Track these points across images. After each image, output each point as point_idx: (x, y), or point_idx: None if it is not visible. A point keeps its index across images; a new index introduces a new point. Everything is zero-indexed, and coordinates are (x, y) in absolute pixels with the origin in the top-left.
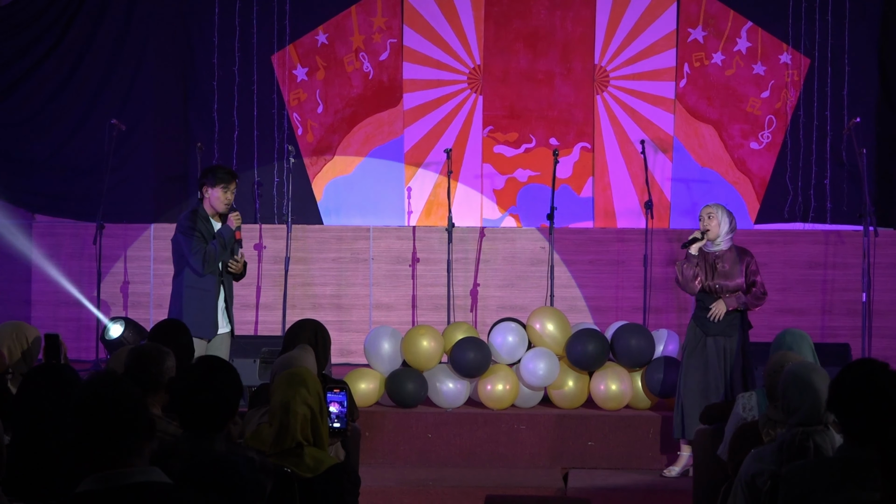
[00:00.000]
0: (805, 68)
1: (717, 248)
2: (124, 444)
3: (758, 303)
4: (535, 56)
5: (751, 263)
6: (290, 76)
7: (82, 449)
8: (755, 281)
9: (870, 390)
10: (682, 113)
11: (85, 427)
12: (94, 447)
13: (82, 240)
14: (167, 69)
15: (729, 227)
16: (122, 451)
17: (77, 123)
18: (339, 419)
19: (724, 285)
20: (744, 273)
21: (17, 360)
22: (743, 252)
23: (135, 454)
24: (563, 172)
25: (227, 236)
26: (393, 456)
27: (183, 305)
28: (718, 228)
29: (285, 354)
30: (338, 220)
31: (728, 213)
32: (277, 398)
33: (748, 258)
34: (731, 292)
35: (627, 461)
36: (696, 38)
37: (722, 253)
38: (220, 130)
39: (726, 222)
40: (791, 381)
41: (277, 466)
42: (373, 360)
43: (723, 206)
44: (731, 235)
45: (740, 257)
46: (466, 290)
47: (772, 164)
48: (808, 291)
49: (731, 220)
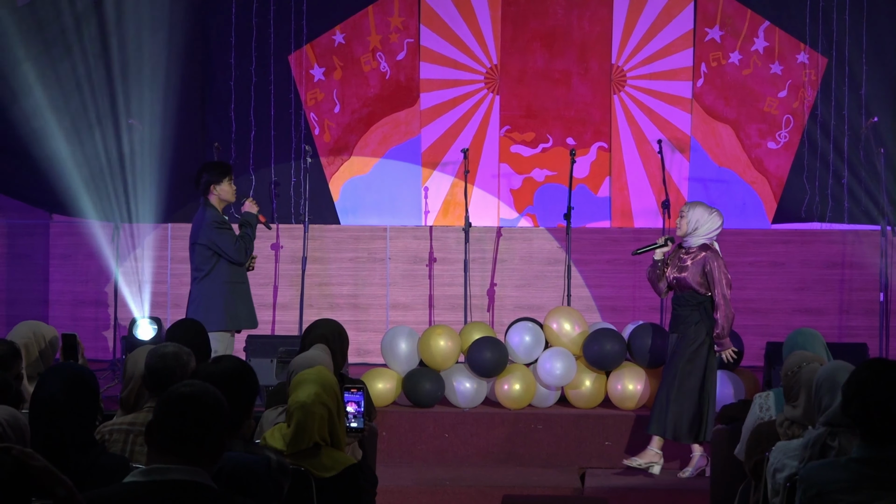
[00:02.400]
0: (822, 68)
1: (687, 246)
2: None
3: (725, 323)
4: (552, 56)
5: (707, 264)
6: (308, 76)
7: (158, 439)
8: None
9: (883, 389)
10: (699, 112)
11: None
12: (170, 441)
13: (100, 240)
14: (185, 69)
15: (703, 227)
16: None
17: (95, 123)
18: (356, 419)
19: (677, 278)
20: (699, 272)
21: (34, 360)
22: (711, 256)
23: (201, 461)
24: (580, 172)
25: (254, 222)
26: (410, 455)
27: (225, 302)
28: (686, 227)
29: (302, 354)
30: (355, 219)
31: (706, 214)
32: (295, 398)
33: (710, 261)
34: (681, 288)
35: None
36: (713, 37)
37: (690, 250)
38: (237, 130)
39: (698, 222)
40: (824, 380)
41: (294, 466)
42: (390, 360)
43: (702, 206)
44: (708, 235)
45: (703, 258)
46: (483, 290)
47: (789, 163)
48: (826, 291)
49: (707, 220)
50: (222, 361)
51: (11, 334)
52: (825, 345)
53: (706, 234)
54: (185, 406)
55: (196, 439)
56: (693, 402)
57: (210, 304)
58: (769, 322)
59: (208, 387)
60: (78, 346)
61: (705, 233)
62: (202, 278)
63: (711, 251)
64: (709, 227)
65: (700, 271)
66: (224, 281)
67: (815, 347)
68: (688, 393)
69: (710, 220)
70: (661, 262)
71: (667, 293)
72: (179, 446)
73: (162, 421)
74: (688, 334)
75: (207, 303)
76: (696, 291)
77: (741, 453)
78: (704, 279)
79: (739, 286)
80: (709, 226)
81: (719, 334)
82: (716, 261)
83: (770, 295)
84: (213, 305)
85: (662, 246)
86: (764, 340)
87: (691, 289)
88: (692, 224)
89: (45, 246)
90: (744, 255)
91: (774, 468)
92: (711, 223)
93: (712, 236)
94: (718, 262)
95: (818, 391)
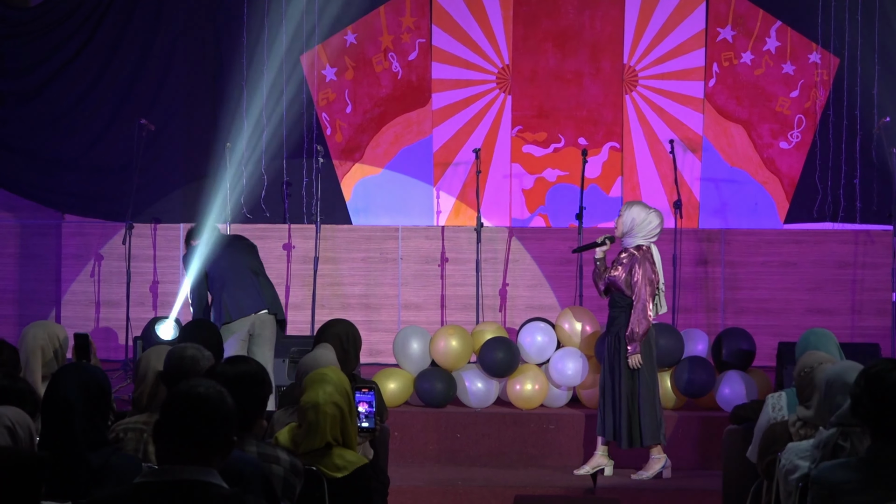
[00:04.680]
0: (834, 68)
1: (624, 246)
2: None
3: (636, 327)
4: (563, 56)
5: (635, 267)
6: (319, 76)
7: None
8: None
9: (892, 389)
10: (711, 112)
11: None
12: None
13: (111, 240)
14: (196, 69)
15: (639, 227)
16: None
17: (106, 123)
18: (368, 419)
19: (610, 278)
20: (628, 274)
21: (47, 360)
22: (640, 258)
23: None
24: (592, 172)
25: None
26: (422, 456)
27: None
28: (623, 227)
29: (309, 354)
30: (366, 219)
31: (643, 214)
32: (307, 398)
33: (637, 263)
34: (613, 288)
35: None
36: (725, 37)
37: (627, 250)
38: (248, 130)
39: (633, 222)
40: (834, 381)
41: (307, 466)
42: (401, 360)
43: (639, 206)
44: (646, 236)
45: (632, 259)
46: (495, 290)
47: (801, 163)
48: (838, 291)
49: (644, 220)
50: (238, 362)
51: (25, 336)
52: (838, 345)
53: (644, 234)
54: (192, 406)
55: (203, 438)
56: (630, 407)
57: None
58: (781, 322)
59: (214, 385)
60: (90, 346)
61: (643, 233)
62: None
63: (641, 253)
64: (646, 227)
65: (628, 272)
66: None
67: (829, 348)
68: (625, 398)
69: (647, 220)
70: (602, 260)
71: (606, 294)
72: (187, 446)
73: (169, 421)
74: (620, 337)
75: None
76: (624, 293)
77: (753, 454)
78: (630, 280)
79: (751, 286)
80: (646, 226)
81: (628, 337)
82: (642, 265)
83: (782, 295)
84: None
85: (602, 245)
86: (776, 340)
87: (620, 290)
88: (628, 224)
89: (57, 246)
90: (756, 255)
91: (786, 469)
92: (648, 223)
93: (651, 237)
94: (644, 267)
95: (829, 392)
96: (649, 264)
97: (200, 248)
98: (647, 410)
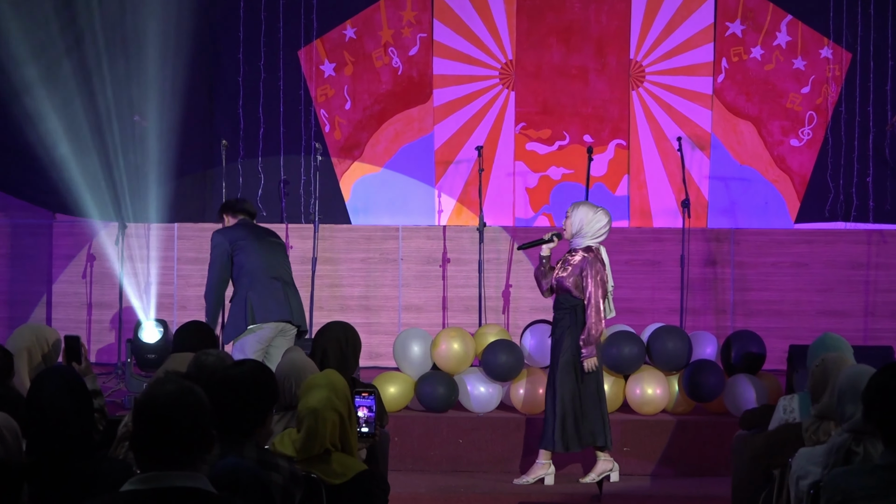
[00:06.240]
0: (847, 63)
1: (573, 246)
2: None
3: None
4: (568, 51)
5: (584, 268)
6: (318, 72)
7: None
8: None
9: None
10: (720, 109)
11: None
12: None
13: (104, 240)
14: (191, 65)
15: (587, 227)
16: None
17: (99, 121)
18: (368, 424)
19: (557, 279)
20: (577, 275)
21: (37, 364)
22: (590, 259)
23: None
24: (598, 170)
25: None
26: (423, 462)
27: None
28: (571, 228)
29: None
30: (366, 219)
31: (590, 213)
32: (305, 402)
33: (587, 265)
34: (559, 289)
35: (664, 468)
36: (734, 31)
37: (576, 251)
38: (245, 127)
39: (581, 222)
40: (847, 385)
41: (305, 473)
42: (402, 364)
43: (586, 206)
44: (595, 237)
45: (581, 260)
46: (498, 292)
47: (812, 161)
48: (851, 293)
49: (592, 220)
50: (243, 365)
51: (13, 337)
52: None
53: (593, 234)
54: (163, 413)
55: (178, 441)
56: (573, 411)
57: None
58: (792, 324)
59: (184, 386)
60: (81, 348)
61: (591, 233)
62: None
63: (592, 254)
64: (594, 227)
65: (578, 274)
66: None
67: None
68: (567, 402)
69: (595, 220)
70: (547, 258)
71: (549, 294)
72: (166, 453)
73: (143, 430)
74: (562, 339)
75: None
76: (571, 294)
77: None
78: (580, 282)
79: (761, 287)
80: (594, 225)
81: (585, 340)
82: (593, 266)
83: (793, 297)
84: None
85: (549, 242)
86: (787, 343)
87: (568, 291)
88: (576, 225)
89: (49, 246)
90: (766, 255)
91: (798, 475)
92: (597, 223)
93: (600, 237)
94: (595, 268)
95: (841, 398)
96: (600, 265)
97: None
98: (588, 413)
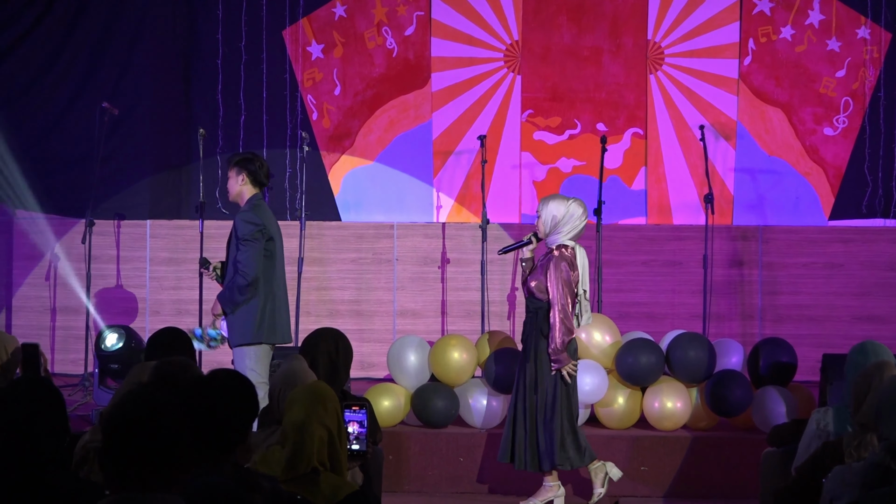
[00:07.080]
0: (886, 44)
1: (549, 245)
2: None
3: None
4: (580, 31)
5: (549, 269)
6: (304, 54)
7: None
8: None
9: None
10: (746, 95)
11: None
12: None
13: (70, 239)
14: (166, 46)
15: (562, 223)
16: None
17: (64, 108)
18: (359, 440)
19: (524, 279)
20: (542, 274)
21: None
22: (556, 258)
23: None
24: (612, 162)
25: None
26: (420, 482)
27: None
28: (544, 227)
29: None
30: (358, 215)
31: (562, 207)
32: (290, 417)
33: (553, 263)
34: (526, 291)
35: (684, 489)
36: (762, 9)
37: (547, 251)
38: (224, 115)
39: (554, 219)
40: (887, 399)
41: (290, 494)
42: (397, 374)
43: (555, 200)
44: (571, 232)
45: (547, 259)
46: (503, 295)
47: (848, 152)
48: (890, 296)
49: (564, 214)
50: (217, 375)
51: None
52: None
53: (570, 228)
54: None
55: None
56: (533, 427)
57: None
58: (826, 331)
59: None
60: (40, 357)
61: (568, 227)
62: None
63: (558, 253)
64: (569, 220)
65: (543, 274)
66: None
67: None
68: (529, 416)
69: (569, 213)
70: (529, 260)
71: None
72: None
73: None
74: (527, 346)
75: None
76: (534, 296)
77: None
78: (543, 284)
79: (792, 290)
80: (569, 219)
81: (553, 349)
82: (557, 265)
83: (826, 301)
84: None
85: (527, 244)
86: (820, 352)
87: (531, 293)
88: (549, 223)
89: (8, 245)
90: (797, 255)
91: (831, 497)
92: (571, 215)
93: (577, 231)
94: (559, 267)
95: (880, 413)
96: (566, 264)
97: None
98: (558, 430)
